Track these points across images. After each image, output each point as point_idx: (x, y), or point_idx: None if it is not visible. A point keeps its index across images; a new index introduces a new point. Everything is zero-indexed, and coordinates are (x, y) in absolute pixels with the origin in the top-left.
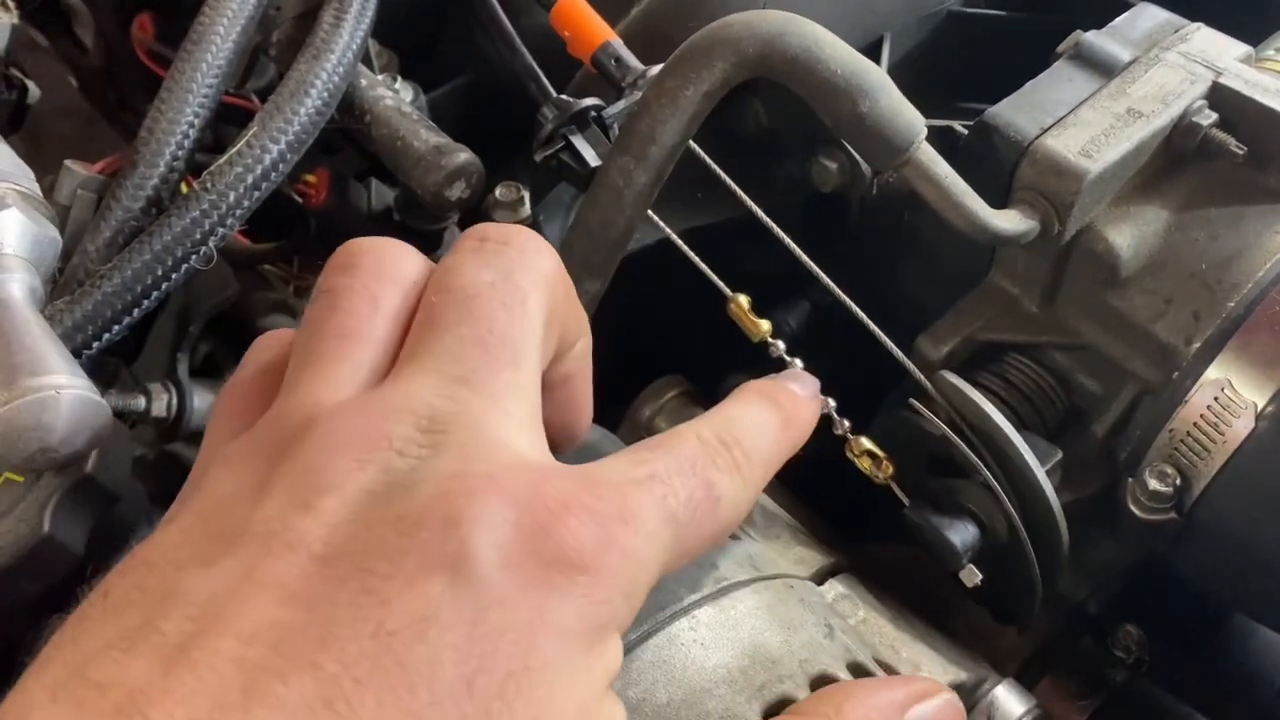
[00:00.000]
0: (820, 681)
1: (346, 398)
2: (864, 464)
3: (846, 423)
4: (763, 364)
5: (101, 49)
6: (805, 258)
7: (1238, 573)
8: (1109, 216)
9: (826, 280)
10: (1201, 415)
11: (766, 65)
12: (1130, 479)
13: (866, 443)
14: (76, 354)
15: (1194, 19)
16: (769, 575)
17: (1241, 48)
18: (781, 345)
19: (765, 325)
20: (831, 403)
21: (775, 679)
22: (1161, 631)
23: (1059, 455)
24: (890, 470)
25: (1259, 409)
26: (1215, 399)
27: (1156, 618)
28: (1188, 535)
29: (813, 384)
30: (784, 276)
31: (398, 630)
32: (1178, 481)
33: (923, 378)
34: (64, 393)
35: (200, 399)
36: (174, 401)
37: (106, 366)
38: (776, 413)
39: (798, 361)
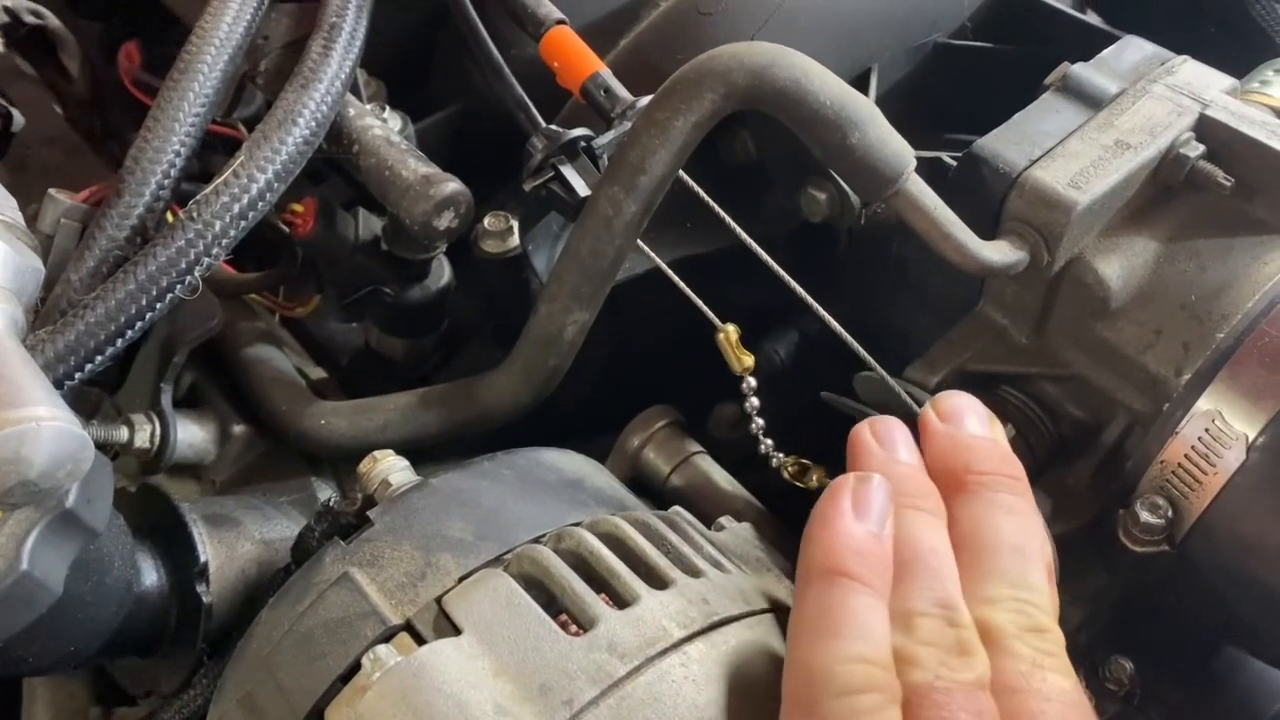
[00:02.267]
0: None
1: None
2: (799, 478)
3: (769, 441)
4: (754, 391)
5: (87, 77)
6: (792, 282)
7: (1229, 605)
8: (1098, 247)
9: (814, 304)
10: (1193, 447)
11: (756, 96)
12: (1122, 510)
13: (794, 457)
14: (58, 384)
15: (1179, 52)
16: (760, 609)
17: (1227, 80)
18: (753, 382)
19: (749, 360)
20: (760, 422)
21: (769, 715)
22: (1153, 664)
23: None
24: (821, 476)
25: (1250, 440)
26: (1206, 430)
27: (1148, 650)
28: (1179, 568)
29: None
30: (773, 307)
31: None
32: (1169, 513)
33: (914, 404)
34: (44, 425)
35: (183, 430)
36: (157, 432)
37: (88, 397)
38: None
39: (755, 401)
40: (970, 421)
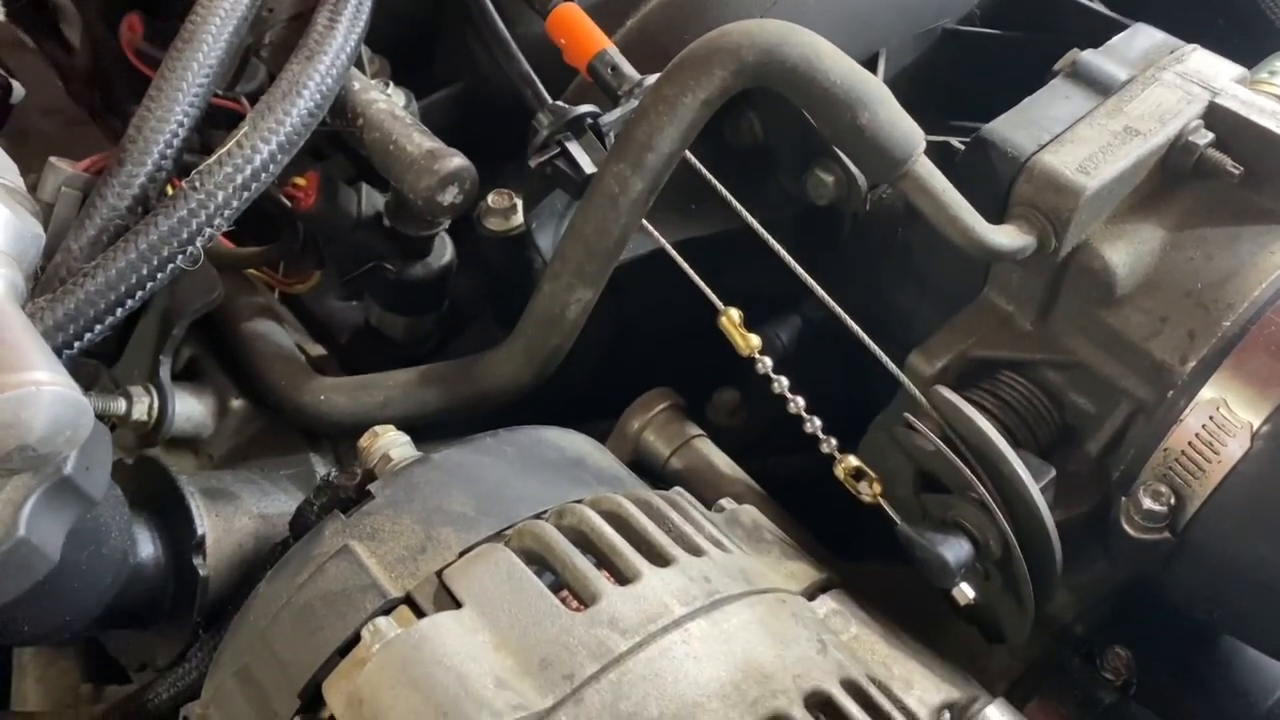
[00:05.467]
0: (814, 697)
1: None
2: (852, 484)
3: (834, 441)
4: (753, 377)
5: (89, 49)
6: (798, 268)
7: (1229, 594)
8: (1105, 234)
9: (820, 291)
10: (1196, 434)
11: (766, 74)
12: (1124, 498)
13: (854, 461)
14: (57, 353)
15: (1189, 40)
16: (761, 589)
17: (1236, 69)
18: (769, 361)
19: (755, 340)
20: (818, 421)
21: (769, 694)
22: (1151, 653)
23: (1052, 473)
24: (878, 489)
25: (1254, 429)
26: (1210, 418)
27: (1146, 639)
28: (1180, 555)
29: None
30: (775, 291)
31: None
32: (1172, 501)
33: (917, 393)
34: (44, 389)
35: (181, 403)
36: (155, 405)
37: (86, 368)
38: None
39: (784, 380)
40: None
